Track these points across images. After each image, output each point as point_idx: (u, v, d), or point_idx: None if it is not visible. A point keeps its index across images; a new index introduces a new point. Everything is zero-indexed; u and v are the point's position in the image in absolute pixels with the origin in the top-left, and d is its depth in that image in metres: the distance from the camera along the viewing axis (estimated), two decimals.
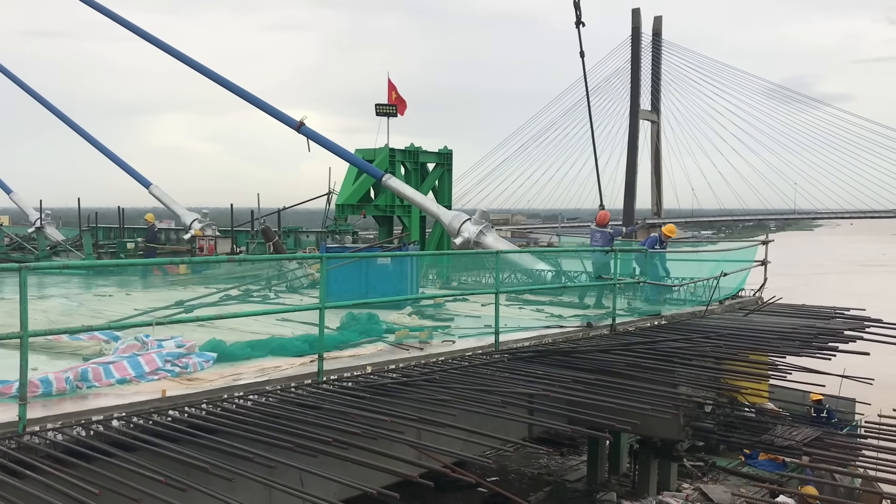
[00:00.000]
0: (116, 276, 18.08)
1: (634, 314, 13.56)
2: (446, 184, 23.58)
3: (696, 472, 17.14)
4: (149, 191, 26.77)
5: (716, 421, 11.91)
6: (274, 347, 9.27)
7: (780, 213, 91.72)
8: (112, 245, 26.39)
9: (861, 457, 8.96)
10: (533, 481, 16.73)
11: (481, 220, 16.91)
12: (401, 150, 22.53)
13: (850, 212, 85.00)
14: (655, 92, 78.96)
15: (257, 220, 24.87)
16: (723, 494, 15.45)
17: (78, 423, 6.44)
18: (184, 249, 25.28)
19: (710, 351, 11.09)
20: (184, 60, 21.16)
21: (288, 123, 19.30)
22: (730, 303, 15.86)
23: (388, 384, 8.39)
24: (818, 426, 12.72)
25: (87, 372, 7.50)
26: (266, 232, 21.16)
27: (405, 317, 12.18)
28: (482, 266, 17.82)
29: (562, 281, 16.67)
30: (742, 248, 17.75)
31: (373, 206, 22.64)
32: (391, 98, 23.25)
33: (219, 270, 17.75)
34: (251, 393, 7.66)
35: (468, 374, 9.07)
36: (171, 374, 8.00)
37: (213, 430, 6.64)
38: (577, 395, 8.47)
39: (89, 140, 27.26)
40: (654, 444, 14.84)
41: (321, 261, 9.28)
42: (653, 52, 78.16)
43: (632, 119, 77.49)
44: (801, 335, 12.10)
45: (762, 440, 11.39)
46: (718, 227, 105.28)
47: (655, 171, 79.70)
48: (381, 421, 6.91)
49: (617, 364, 9.97)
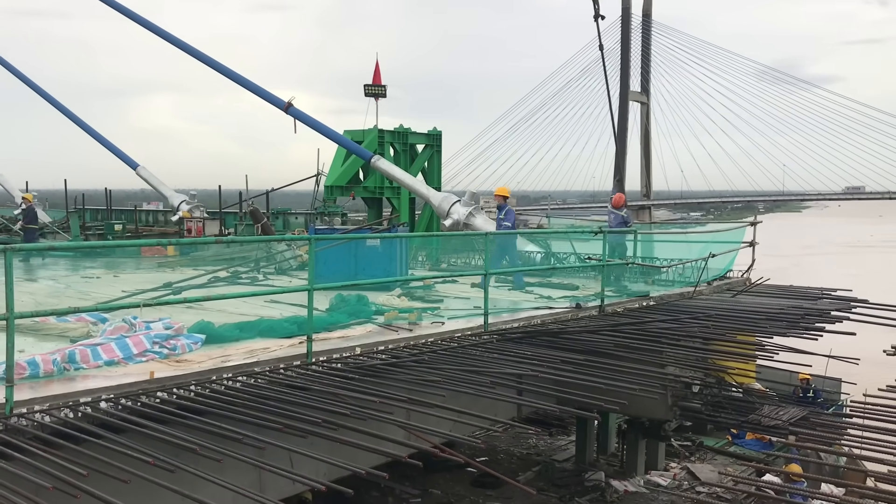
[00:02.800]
0: (104, 257, 17.98)
1: (623, 295, 13.60)
2: (436, 165, 23.51)
3: (683, 451, 17.30)
4: (136, 172, 26.60)
5: (703, 401, 12.01)
6: (262, 329, 9.24)
7: (768, 195, 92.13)
8: (99, 227, 26.27)
9: (846, 436, 9.05)
10: (522, 461, 16.84)
11: (471, 201, 16.88)
12: (390, 131, 22.43)
13: (838, 193, 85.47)
14: (645, 73, 78.87)
15: (246, 202, 24.81)
16: (710, 473, 15.62)
17: (65, 404, 6.42)
18: (172, 231, 25.22)
19: (697, 331, 11.14)
20: (170, 40, 20.93)
21: (276, 104, 19.15)
22: (718, 284, 15.93)
23: (377, 365, 8.39)
24: (804, 406, 12.84)
25: (74, 354, 7.47)
26: (254, 213, 21.09)
27: (394, 298, 12.19)
28: (471, 248, 17.83)
29: (551, 262, 16.71)
30: (730, 230, 17.80)
31: (362, 188, 22.56)
32: (379, 79, 23.11)
33: (207, 252, 17.67)
34: (240, 374, 7.65)
35: (457, 356, 9.09)
36: (160, 356, 7.97)
37: (202, 412, 6.63)
38: (565, 376, 8.50)
39: (75, 121, 27.01)
40: (642, 424, 14.98)
41: (309, 242, 9.26)
42: (643, 34, 78.01)
43: (621, 101, 77.38)
44: (789, 316, 12.16)
45: (749, 420, 11.50)
46: (707, 208, 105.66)
47: (645, 152, 79.76)
48: (370, 402, 6.92)
49: (605, 345, 10.00)
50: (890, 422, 8.38)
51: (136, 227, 27.15)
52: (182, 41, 20.95)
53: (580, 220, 31.98)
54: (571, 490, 14.56)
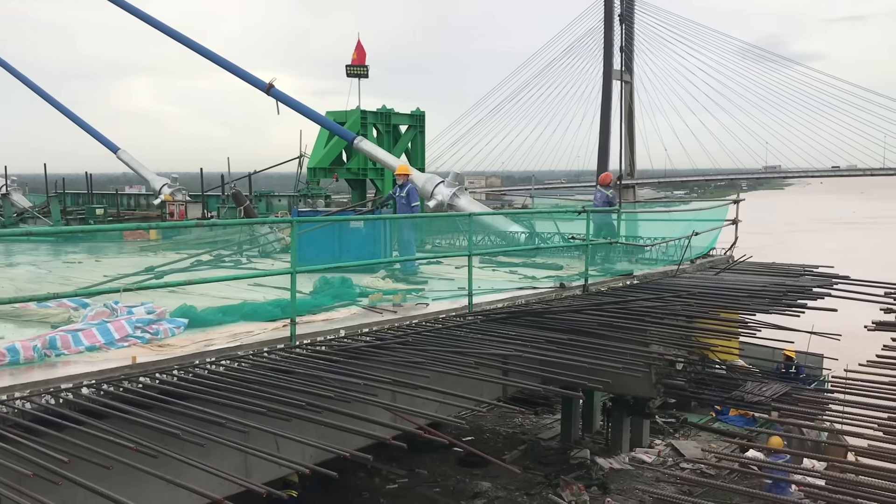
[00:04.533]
0: (86, 242, 17.82)
1: (607, 274, 13.63)
2: (419, 146, 23.41)
3: (668, 428, 17.43)
4: (117, 156, 26.38)
5: (687, 378, 12.11)
6: (246, 312, 9.20)
7: (751, 173, 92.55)
8: (80, 211, 26.03)
9: (828, 411, 9.13)
10: (507, 440, 16.93)
11: (455, 182, 16.82)
12: (373, 112, 22.29)
13: (820, 171, 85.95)
14: (628, 52, 78.76)
15: (228, 185, 24.62)
16: (694, 450, 15.75)
17: (47, 391, 6.37)
18: (154, 215, 25.03)
19: (681, 309, 11.18)
20: (149, 22, 20.67)
21: (257, 86, 18.99)
22: (701, 262, 16.00)
23: (361, 348, 8.38)
24: (787, 382, 12.97)
25: (55, 340, 7.41)
26: (237, 196, 20.96)
27: (379, 280, 12.16)
28: (456, 228, 17.79)
29: (535, 242, 16.71)
30: (713, 208, 17.85)
31: (345, 170, 22.44)
32: (362, 60, 22.91)
33: (189, 236, 17.56)
34: (223, 358, 7.61)
35: (442, 337, 9.09)
36: (142, 341, 7.92)
37: (185, 397, 6.59)
38: (550, 355, 8.52)
39: (54, 104, 26.70)
40: (626, 402, 15.07)
41: (292, 225, 9.20)
42: (625, 11, 77.78)
43: (605, 80, 77.37)
44: (771, 293, 12.24)
45: (732, 396, 11.62)
46: (691, 186, 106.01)
47: (628, 131, 79.83)
48: (355, 384, 6.91)
49: (589, 324, 10.02)
50: (871, 397, 8.45)
51: (117, 211, 26.94)
52: (161, 22, 20.69)
53: (564, 199, 32.03)
54: (557, 468, 14.65)
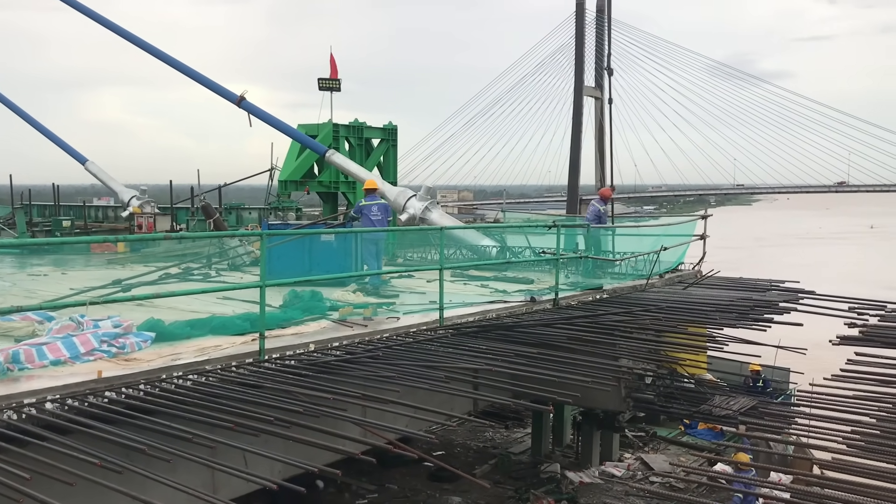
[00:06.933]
0: (52, 254, 17.56)
1: (576, 288, 13.70)
2: (391, 160, 23.39)
3: (637, 442, 17.53)
4: (84, 167, 26.08)
5: (656, 392, 12.16)
6: (214, 326, 9.10)
7: (720, 189, 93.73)
8: (47, 223, 25.65)
9: (794, 424, 9.24)
10: (478, 454, 16.91)
11: (427, 196, 16.85)
12: (345, 125, 22.25)
13: (787, 187, 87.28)
14: (599, 68, 79.48)
15: (197, 197, 24.43)
16: (663, 463, 15.85)
17: (9, 406, 6.24)
18: (122, 227, 24.74)
19: (650, 324, 11.27)
20: (118, 32, 20.51)
21: (228, 98, 18.89)
22: (670, 276, 16.15)
23: (331, 362, 8.33)
24: (754, 395, 13.09)
25: (18, 354, 7.27)
26: (206, 209, 20.78)
27: (349, 294, 12.11)
28: (428, 242, 17.80)
29: (506, 256, 16.77)
30: (682, 223, 18.05)
31: (316, 183, 22.35)
32: (335, 73, 22.90)
33: (158, 248, 17.37)
34: (191, 373, 7.52)
35: (413, 351, 9.07)
36: (108, 355, 7.80)
37: (152, 412, 6.50)
38: (520, 369, 8.53)
39: (20, 114, 26.34)
40: (596, 416, 15.14)
41: (261, 238, 9.15)
42: (597, 29, 78.57)
43: (576, 95, 77.93)
44: (738, 307, 12.38)
45: (701, 410, 11.68)
46: (660, 202, 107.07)
47: (599, 147, 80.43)
48: (324, 399, 6.86)
49: (559, 338, 10.07)
50: (835, 410, 8.57)
51: (84, 223, 26.58)
52: (131, 33, 20.56)
53: (536, 213, 32.18)
54: (527, 482, 14.66)
